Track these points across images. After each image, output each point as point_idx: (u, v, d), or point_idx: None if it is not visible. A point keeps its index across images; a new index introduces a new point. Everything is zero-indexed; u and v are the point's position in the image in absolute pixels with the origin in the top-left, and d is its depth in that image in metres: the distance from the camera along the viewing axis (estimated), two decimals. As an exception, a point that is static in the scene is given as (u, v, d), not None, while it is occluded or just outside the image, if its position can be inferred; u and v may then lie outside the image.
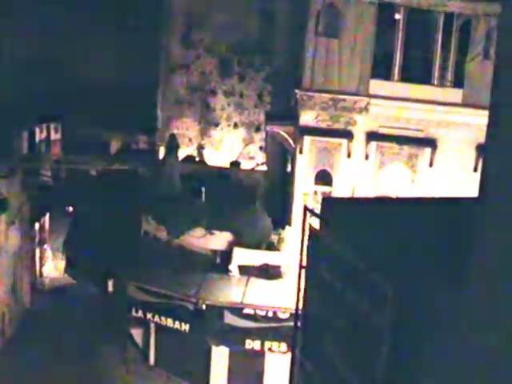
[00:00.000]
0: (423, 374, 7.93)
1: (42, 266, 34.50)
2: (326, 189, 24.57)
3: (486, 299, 6.72)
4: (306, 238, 10.35)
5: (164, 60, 36.97)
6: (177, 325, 24.40)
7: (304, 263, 10.60)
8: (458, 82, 24.15)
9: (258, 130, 36.98)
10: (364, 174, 24.42)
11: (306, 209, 10.49)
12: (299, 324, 11.19)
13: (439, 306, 7.64)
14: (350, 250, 9.02)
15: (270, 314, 23.16)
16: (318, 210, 11.38)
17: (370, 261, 8.53)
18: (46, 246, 35.30)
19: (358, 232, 9.38)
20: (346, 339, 9.21)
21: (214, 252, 25.67)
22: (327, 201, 11.84)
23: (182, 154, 33.12)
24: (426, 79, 24.28)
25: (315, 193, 24.59)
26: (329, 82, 24.06)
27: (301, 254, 10.48)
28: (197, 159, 36.08)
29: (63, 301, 31.55)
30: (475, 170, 23.44)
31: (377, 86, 24.16)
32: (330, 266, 9.72)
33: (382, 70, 24.21)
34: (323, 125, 24.38)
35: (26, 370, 26.13)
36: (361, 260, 8.70)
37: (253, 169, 34.51)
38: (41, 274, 34.36)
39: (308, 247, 10.38)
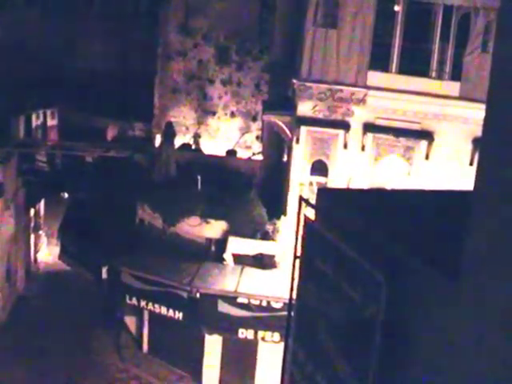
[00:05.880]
0: (415, 364, 7.97)
1: (36, 251, 34.52)
2: (322, 179, 24.56)
3: (480, 291, 6.75)
4: (301, 228, 10.36)
5: (162, 48, 36.88)
6: (170, 313, 24.45)
7: (298, 253, 10.61)
8: (455, 75, 24.12)
9: (254, 119, 36.96)
10: (360, 166, 24.42)
11: (301, 199, 10.50)
12: (292, 314, 11.22)
13: (432, 296, 7.68)
14: (345, 241, 9.04)
15: (264, 304, 23.21)
16: (313, 201, 11.39)
17: (365, 251, 8.56)
18: (40, 232, 35.31)
19: (352, 223, 9.41)
20: (339, 329, 9.25)
21: (209, 240, 25.71)
22: (322, 191, 11.86)
23: (178, 142, 33.11)
24: (423, 72, 24.26)
25: (311, 183, 24.58)
26: (326, 73, 24.02)
27: (295, 243, 10.50)
28: (193, 147, 36.06)
29: (57, 287, 31.59)
30: (471, 163, 23.46)
31: (374, 77, 24.13)
32: (324, 256, 9.74)
33: (380, 61, 24.17)
34: (320, 115, 24.35)
35: (20, 355, 26.21)
36: (355, 250, 8.72)
37: (249, 158, 34.51)
38: (35, 260, 34.39)
39: (303, 237, 10.39)
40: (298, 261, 10.61)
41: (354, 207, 10.05)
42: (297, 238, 10.44)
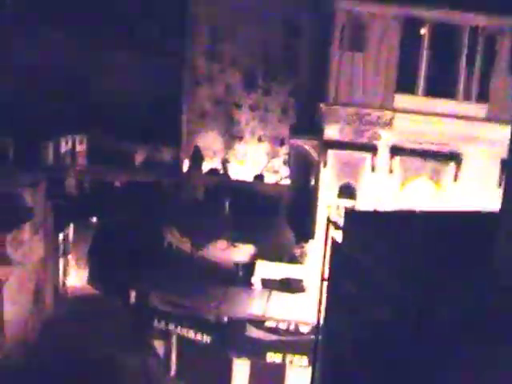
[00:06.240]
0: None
1: (65, 275, 34.67)
2: (350, 202, 24.53)
3: (507, 310, 6.72)
4: (329, 250, 10.36)
5: (188, 73, 37.09)
6: (198, 336, 24.46)
7: (326, 275, 10.60)
8: (482, 97, 24.06)
9: (282, 143, 36.98)
10: (388, 189, 24.37)
11: (328, 221, 10.50)
12: (320, 337, 11.17)
13: (460, 317, 7.63)
14: (372, 263, 9.02)
15: (292, 328, 23.16)
16: (341, 224, 11.37)
17: (392, 273, 8.53)
18: (69, 256, 35.47)
19: (380, 245, 9.38)
20: (367, 351, 9.20)
21: (237, 265, 25.71)
22: (350, 214, 11.84)
23: (206, 166, 33.23)
24: (450, 94, 24.22)
25: (339, 206, 24.55)
26: (353, 96, 24.06)
27: (323, 266, 10.49)
28: (221, 172, 36.14)
29: (85, 311, 31.64)
30: (500, 185, 23.32)
31: (401, 100, 24.13)
32: (351, 278, 9.72)
33: (406, 84, 24.16)
34: (347, 138, 24.38)
35: (46, 376, 26.25)
36: (383, 272, 8.69)
37: (276, 183, 34.53)
38: (64, 284, 34.53)
39: (330, 259, 10.39)
40: (325, 283, 10.61)
41: (380, 229, 10.03)
42: (324, 261, 10.44)
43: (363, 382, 9.14)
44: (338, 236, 10.56)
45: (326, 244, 10.23)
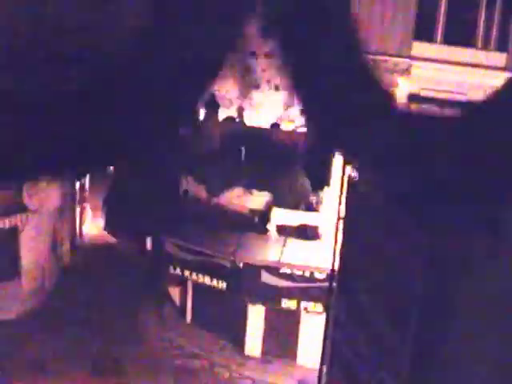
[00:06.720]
0: (455, 319, 7.95)
1: (81, 224, 34.80)
2: (366, 150, 24.42)
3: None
4: (345, 189, 10.36)
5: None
6: (214, 283, 24.64)
7: (342, 214, 10.61)
8: (502, 45, 23.74)
9: (298, 92, 36.68)
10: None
11: (345, 161, 10.47)
12: (335, 280, 11.19)
13: (474, 254, 7.65)
14: (388, 200, 9.01)
15: (307, 274, 23.30)
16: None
17: (408, 210, 8.52)
18: (86, 205, 35.58)
19: (396, 182, 9.36)
20: (380, 289, 9.25)
21: (253, 211, 25.75)
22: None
23: (222, 114, 33.13)
24: (469, 41, 23.92)
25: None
26: (370, 43, 23.76)
27: (339, 204, 10.50)
28: (237, 120, 35.97)
29: (102, 258, 31.83)
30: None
31: (419, 47, 23.85)
32: (367, 217, 9.73)
33: (424, 31, 23.86)
34: (364, 86, 24.15)
35: (65, 323, 26.53)
36: (398, 210, 8.69)
37: (293, 130, 34.38)
38: (80, 233, 34.67)
39: (346, 198, 10.39)
40: (341, 222, 10.61)
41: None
42: (340, 199, 10.44)
43: (375, 315, 9.21)
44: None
45: (342, 182, 10.23)
